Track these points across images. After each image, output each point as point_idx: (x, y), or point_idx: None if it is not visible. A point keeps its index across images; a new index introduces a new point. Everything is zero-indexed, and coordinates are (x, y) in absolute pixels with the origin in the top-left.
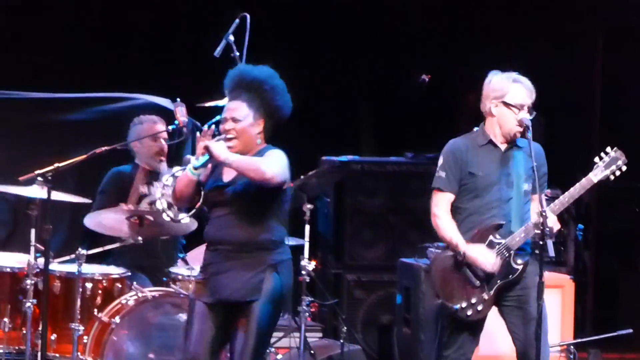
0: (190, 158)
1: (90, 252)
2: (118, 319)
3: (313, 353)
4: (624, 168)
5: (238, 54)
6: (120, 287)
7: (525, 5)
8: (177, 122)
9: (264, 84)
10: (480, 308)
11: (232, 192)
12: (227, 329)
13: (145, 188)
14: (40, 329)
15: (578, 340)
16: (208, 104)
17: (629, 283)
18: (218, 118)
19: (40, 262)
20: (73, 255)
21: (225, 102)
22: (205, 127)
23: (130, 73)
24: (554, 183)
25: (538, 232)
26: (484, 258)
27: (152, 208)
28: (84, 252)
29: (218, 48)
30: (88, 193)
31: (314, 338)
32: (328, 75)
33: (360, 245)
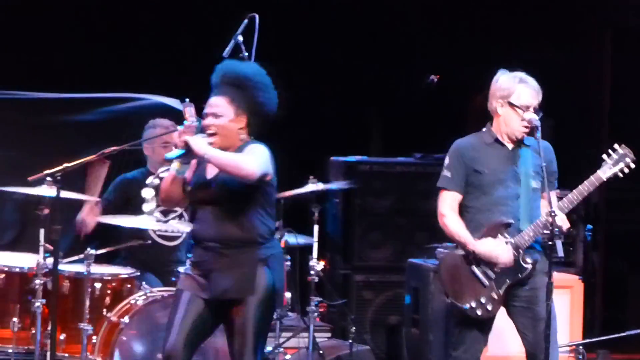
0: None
1: (99, 252)
2: (127, 319)
3: (322, 353)
4: (633, 166)
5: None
6: (129, 287)
7: (534, 6)
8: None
9: (248, 81)
10: (490, 307)
11: (216, 188)
12: (212, 324)
13: None
14: (49, 329)
15: (587, 341)
16: None
17: (638, 284)
18: None
19: (49, 262)
20: (82, 255)
21: None
22: (189, 122)
23: (138, 73)
24: (563, 184)
25: (547, 232)
26: (496, 251)
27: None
28: (93, 252)
29: (227, 48)
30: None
31: (323, 338)
32: (336, 76)
33: (369, 246)
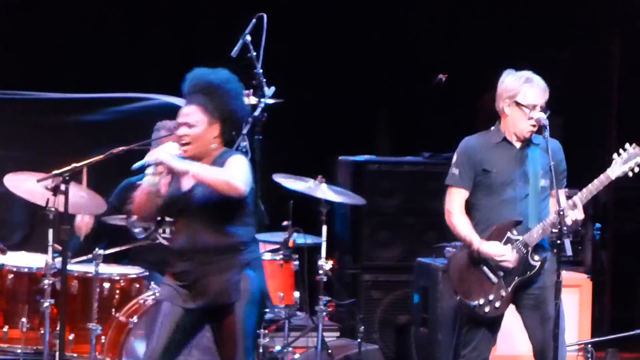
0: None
1: (108, 252)
2: (136, 319)
3: (330, 352)
4: None
5: (255, 54)
6: (138, 287)
7: (542, 5)
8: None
9: (219, 88)
10: (498, 305)
11: (194, 199)
12: (191, 332)
13: None
14: (58, 329)
15: (595, 340)
16: None
17: None
18: None
19: (58, 262)
20: (90, 256)
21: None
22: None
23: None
24: (571, 183)
25: (556, 231)
26: (499, 253)
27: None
28: (102, 252)
29: (235, 48)
30: (105, 193)
31: (332, 338)
32: (344, 76)
33: (377, 246)
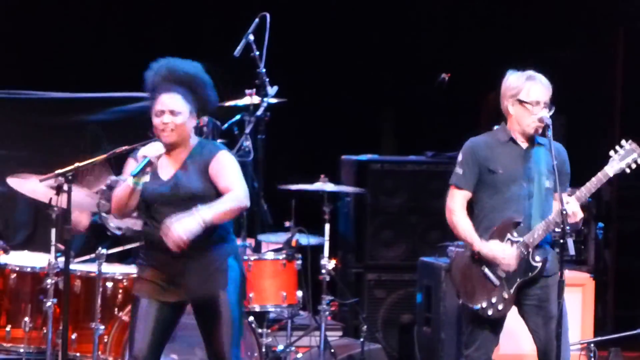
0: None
1: (111, 251)
2: None
3: (333, 352)
4: None
5: (258, 54)
6: None
7: (546, 4)
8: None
9: (196, 78)
10: (501, 307)
11: (174, 190)
12: (172, 324)
13: None
14: (61, 329)
15: (598, 339)
16: (227, 104)
17: None
18: (237, 118)
19: (61, 261)
20: (93, 255)
21: (245, 101)
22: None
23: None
24: (574, 182)
25: (559, 230)
26: (500, 254)
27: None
28: (105, 251)
29: (238, 47)
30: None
31: (335, 337)
32: (348, 75)
33: (381, 245)
